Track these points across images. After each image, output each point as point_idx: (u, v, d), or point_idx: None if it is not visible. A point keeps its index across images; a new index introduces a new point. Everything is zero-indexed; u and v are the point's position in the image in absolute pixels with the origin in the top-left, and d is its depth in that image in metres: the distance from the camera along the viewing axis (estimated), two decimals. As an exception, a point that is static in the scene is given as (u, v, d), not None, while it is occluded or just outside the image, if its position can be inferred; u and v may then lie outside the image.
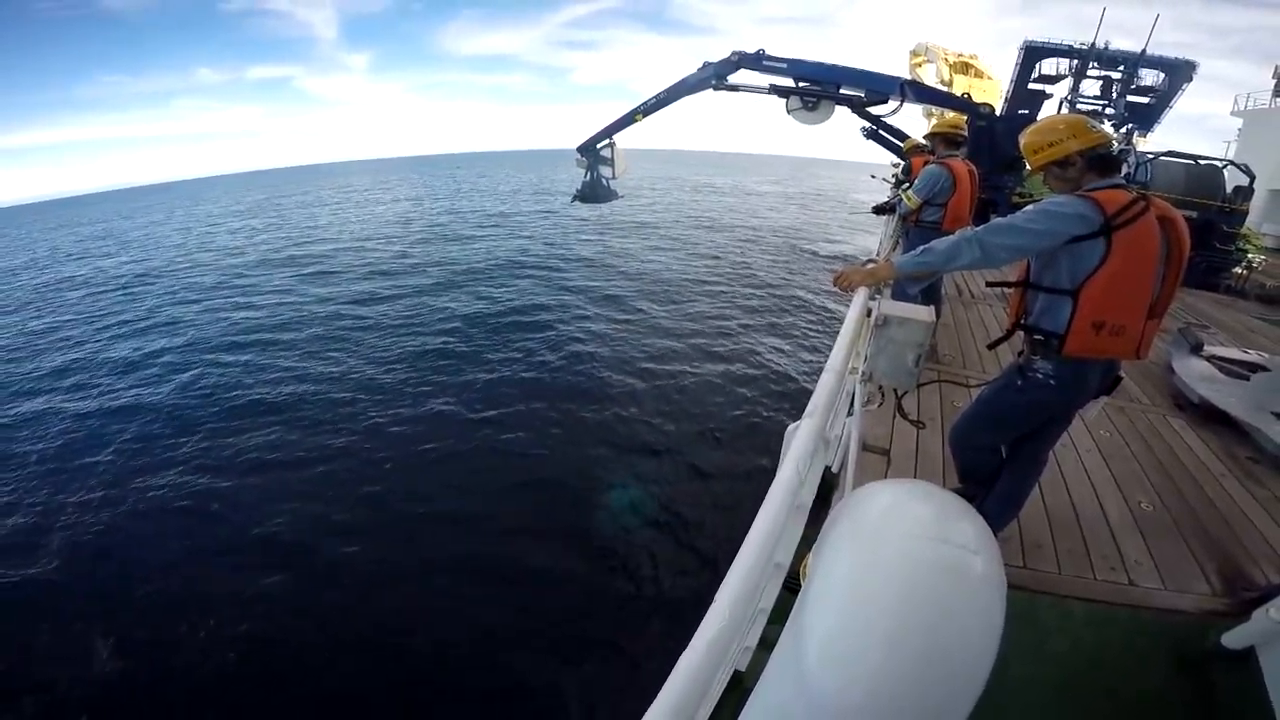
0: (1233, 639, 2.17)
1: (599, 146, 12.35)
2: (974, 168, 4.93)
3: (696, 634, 0.83)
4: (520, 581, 5.68)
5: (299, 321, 14.66)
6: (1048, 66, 16.71)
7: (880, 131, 11.52)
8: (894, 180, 11.47)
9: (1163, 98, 16.88)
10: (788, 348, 11.85)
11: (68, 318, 17.14)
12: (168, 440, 8.78)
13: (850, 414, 2.77)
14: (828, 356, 1.80)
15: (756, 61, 10.27)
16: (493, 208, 41.93)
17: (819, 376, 1.66)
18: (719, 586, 0.91)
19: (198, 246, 30.75)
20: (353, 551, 6.22)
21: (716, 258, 21.25)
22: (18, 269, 28.87)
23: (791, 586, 2.07)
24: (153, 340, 13.98)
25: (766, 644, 2.02)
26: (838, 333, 2.07)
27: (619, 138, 12.29)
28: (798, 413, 1.45)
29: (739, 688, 1.97)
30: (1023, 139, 2.25)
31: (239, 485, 7.51)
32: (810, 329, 13.14)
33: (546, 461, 7.79)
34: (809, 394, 1.57)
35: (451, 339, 12.73)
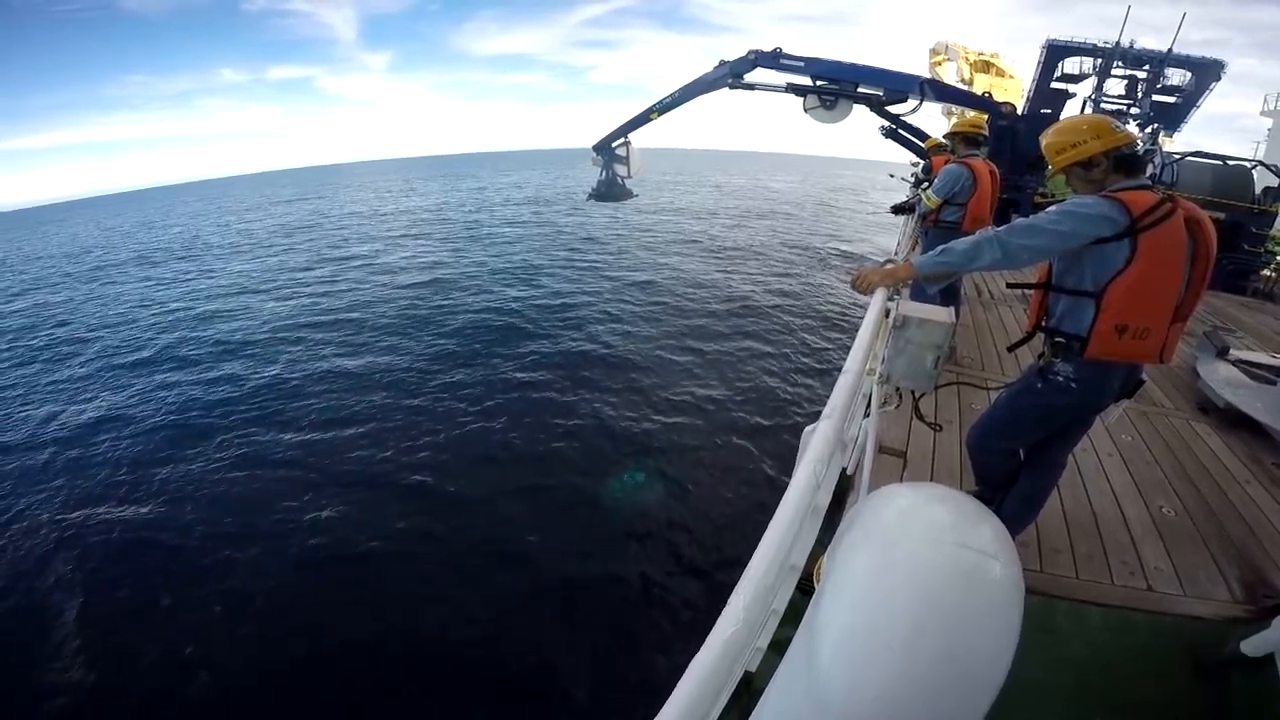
0: (1253, 646, 2.13)
1: (614, 145, 12.36)
2: (995, 168, 4.88)
3: (710, 636, 0.83)
4: (531, 578, 5.71)
5: (355, 307, 15.59)
6: (1071, 65, 16.46)
7: (899, 130, 11.43)
8: (913, 179, 11.36)
9: (1190, 98, 16.57)
10: (804, 348, 11.80)
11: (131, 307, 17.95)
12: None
13: (867, 415, 2.75)
14: (845, 357, 1.79)
15: (774, 60, 10.23)
16: (522, 203, 43.51)
17: (836, 377, 1.65)
18: (733, 588, 0.91)
19: (250, 240, 32.40)
20: (375, 518, 6.65)
21: (735, 256, 21.30)
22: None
23: (805, 589, 2.06)
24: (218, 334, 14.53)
25: (778, 646, 2.02)
26: (855, 333, 2.06)
27: (635, 137, 12.29)
28: (814, 413, 1.44)
29: (749, 689, 1.96)
30: (1044, 140, 2.21)
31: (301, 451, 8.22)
32: (827, 329, 13.07)
33: (568, 450, 8.02)
34: (825, 394, 1.56)
35: (487, 326, 13.39)
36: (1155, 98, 16.60)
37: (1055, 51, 15.83)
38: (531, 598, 5.49)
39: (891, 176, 15.84)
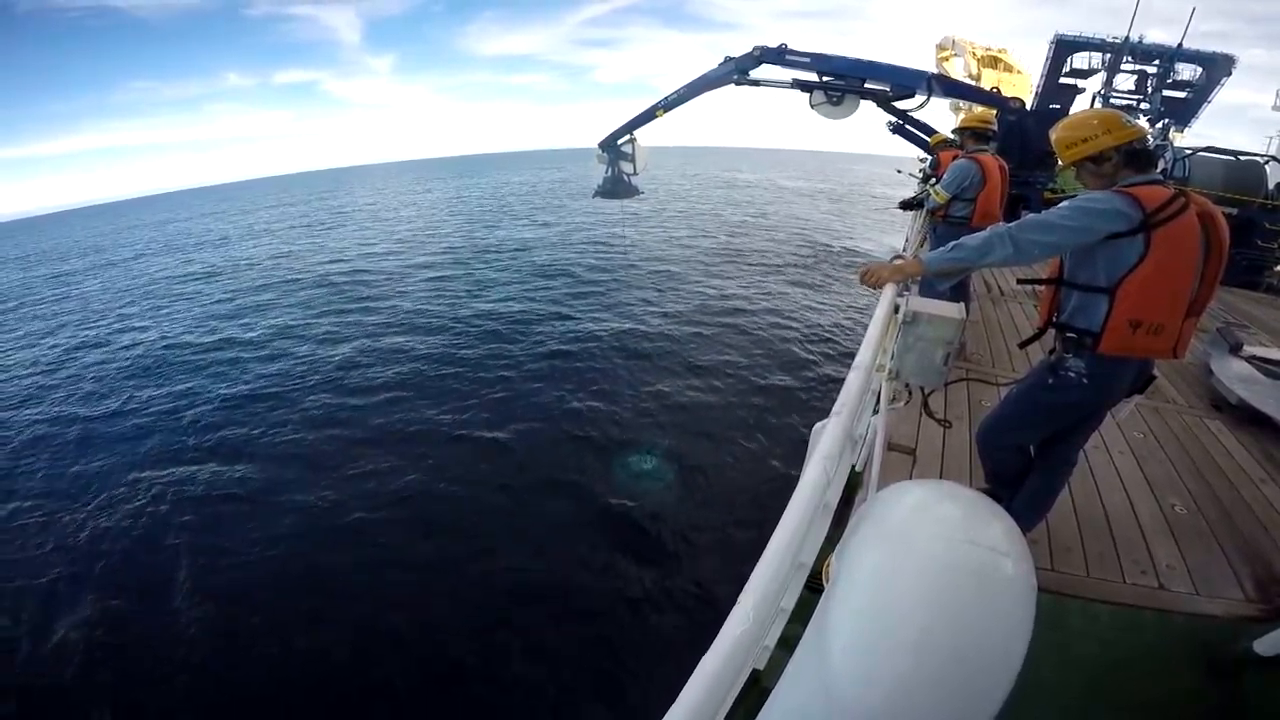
0: (1265, 645, 2.11)
1: (620, 142, 12.34)
2: (1004, 163, 4.84)
3: (719, 635, 0.82)
4: (538, 577, 5.71)
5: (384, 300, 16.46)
6: (1080, 60, 16.35)
7: (907, 126, 11.37)
8: (921, 175, 11.29)
9: (1200, 92, 16.43)
10: (814, 343, 11.78)
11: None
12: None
13: (876, 412, 2.74)
14: (854, 354, 1.77)
15: (779, 56, 10.18)
16: (539, 199, 45.94)
17: (846, 374, 1.64)
18: (743, 586, 0.90)
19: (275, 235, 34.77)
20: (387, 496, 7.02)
21: (743, 250, 21.44)
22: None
23: (814, 586, 2.05)
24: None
25: (785, 644, 2.01)
26: (865, 330, 2.04)
27: (640, 133, 12.27)
28: (824, 409, 1.43)
29: (756, 687, 1.96)
30: (1054, 134, 2.19)
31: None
32: (837, 324, 13.04)
33: (582, 424, 8.51)
34: (834, 390, 1.56)
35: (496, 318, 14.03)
36: (1165, 93, 16.47)
37: (1064, 46, 15.71)
38: (535, 590, 5.51)
39: (899, 172, 15.77)
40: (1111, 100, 16.70)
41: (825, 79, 10.24)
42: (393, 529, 6.42)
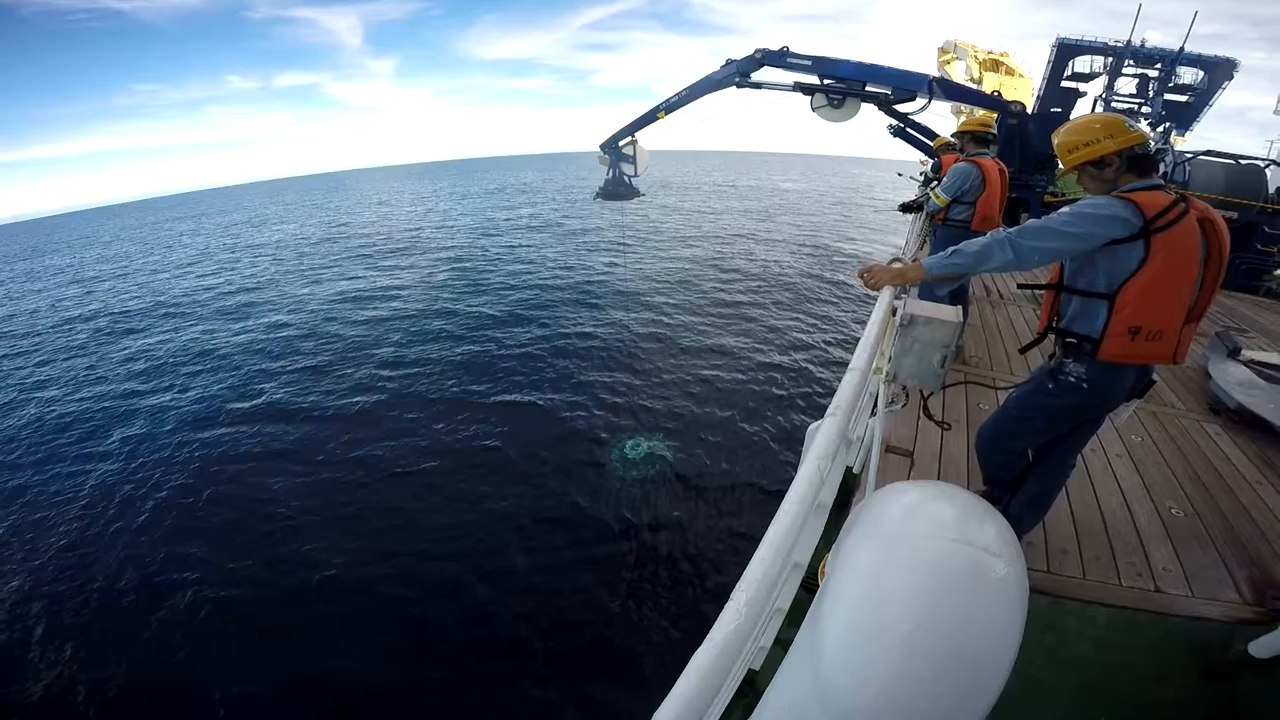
0: (1260, 647, 2.12)
1: (621, 144, 12.35)
2: (1004, 166, 4.84)
3: (711, 632, 0.82)
4: (534, 574, 5.72)
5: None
6: (1081, 64, 16.29)
7: (908, 129, 11.38)
8: (922, 178, 11.30)
9: (1202, 96, 16.39)
10: (811, 346, 11.78)
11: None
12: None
13: (874, 414, 2.74)
14: (851, 355, 1.78)
15: (781, 59, 10.19)
16: (542, 201, 47.51)
17: (843, 375, 1.64)
18: (735, 584, 0.91)
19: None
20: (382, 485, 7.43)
21: (746, 252, 21.63)
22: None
23: (810, 587, 2.05)
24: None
25: (782, 644, 2.01)
26: (862, 332, 2.05)
27: (641, 136, 12.29)
28: (820, 411, 1.44)
29: (752, 687, 1.96)
30: (1056, 138, 2.19)
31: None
32: (834, 327, 13.05)
33: (583, 415, 8.78)
34: (832, 392, 1.56)
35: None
36: (1167, 96, 16.42)
37: (1066, 50, 15.69)
38: (531, 584, 5.54)
39: (900, 175, 15.78)
40: (1113, 104, 16.66)
41: (827, 82, 10.26)
42: (411, 495, 7.06)
